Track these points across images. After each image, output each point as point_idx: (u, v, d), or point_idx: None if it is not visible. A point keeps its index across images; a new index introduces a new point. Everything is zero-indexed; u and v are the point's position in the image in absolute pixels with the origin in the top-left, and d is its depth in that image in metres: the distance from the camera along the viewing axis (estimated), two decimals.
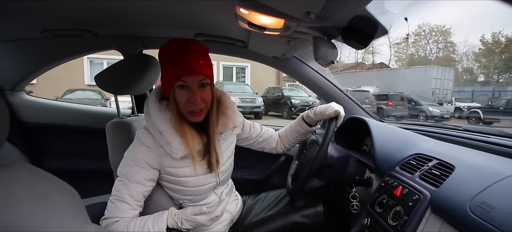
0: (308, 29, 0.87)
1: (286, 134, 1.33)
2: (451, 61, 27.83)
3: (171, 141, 0.91)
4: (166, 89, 0.93)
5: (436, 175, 0.86)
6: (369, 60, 32.15)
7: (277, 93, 12.52)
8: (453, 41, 29.29)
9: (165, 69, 0.91)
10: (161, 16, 1.15)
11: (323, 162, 1.09)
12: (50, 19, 1.21)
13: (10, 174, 0.62)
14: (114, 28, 1.33)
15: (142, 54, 1.25)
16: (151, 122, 0.93)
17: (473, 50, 28.09)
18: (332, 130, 1.08)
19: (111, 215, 0.88)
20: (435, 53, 29.86)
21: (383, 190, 0.98)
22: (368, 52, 32.36)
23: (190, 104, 0.90)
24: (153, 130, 0.93)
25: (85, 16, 1.18)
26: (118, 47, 1.44)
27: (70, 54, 1.54)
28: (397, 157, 1.06)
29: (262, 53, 1.46)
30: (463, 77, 27.30)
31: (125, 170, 0.91)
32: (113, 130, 1.12)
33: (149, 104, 0.97)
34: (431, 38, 29.69)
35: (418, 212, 0.79)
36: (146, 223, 0.89)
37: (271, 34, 0.96)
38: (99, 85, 1.19)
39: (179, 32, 1.35)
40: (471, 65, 28.34)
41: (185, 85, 0.89)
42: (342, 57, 35.68)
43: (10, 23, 1.24)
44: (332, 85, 1.53)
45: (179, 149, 0.91)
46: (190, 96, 0.89)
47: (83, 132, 1.67)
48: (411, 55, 30.33)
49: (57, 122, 1.66)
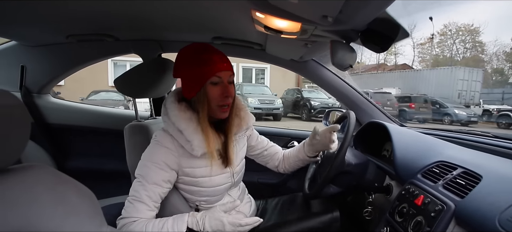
0: (326, 32, 0.85)
1: (289, 156, 1.30)
2: (480, 61, 26.49)
3: (192, 139, 0.92)
4: (193, 89, 0.95)
5: (461, 185, 0.81)
6: (391, 62, 31.26)
7: (296, 95, 12.43)
8: (482, 40, 27.88)
9: (193, 70, 0.93)
10: (179, 20, 1.17)
11: (340, 169, 1.06)
12: (74, 25, 1.26)
13: (32, 176, 0.65)
14: (134, 32, 1.36)
15: (161, 58, 1.28)
16: (170, 122, 0.95)
17: (504, 49, 26.60)
18: (350, 136, 1.05)
19: (128, 215, 0.89)
20: (462, 53, 28.58)
21: (404, 199, 0.94)
22: (390, 53, 31.42)
23: (223, 98, 0.95)
24: (173, 130, 0.95)
25: (107, 22, 1.22)
26: (137, 51, 1.48)
27: (93, 58, 1.59)
28: (419, 164, 1.01)
29: (280, 56, 1.45)
30: (492, 79, 25.92)
31: (143, 171, 0.93)
32: (131, 133, 1.15)
33: (167, 105, 0.98)
34: (458, 38, 28.41)
35: (441, 223, 0.75)
36: (165, 223, 0.90)
37: (288, 37, 0.95)
38: (119, 89, 1.22)
39: (197, 36, 1.37)
40: (502, 65, 26.86)
41: (219, 81, 0.94)
42: (363, 58, 34.92)
43: (38, 29, 1.30)
44: (352, 89, 1.49)
45: (200, 146, 0.93)
46: (223, 91, 0.95)
47: (104, 133, 1.72)
48: (436, 56, 29.15)
49: (80, 123, 1.72)
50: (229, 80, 0.97)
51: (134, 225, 0.88)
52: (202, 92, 0.94)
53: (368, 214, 1.07)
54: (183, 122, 0.93)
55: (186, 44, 1.46)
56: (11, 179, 0.60)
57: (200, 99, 0.94)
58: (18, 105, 0.59)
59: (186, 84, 0.97)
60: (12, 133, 0.57)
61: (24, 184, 0.62)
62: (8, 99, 0.57)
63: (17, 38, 1.47)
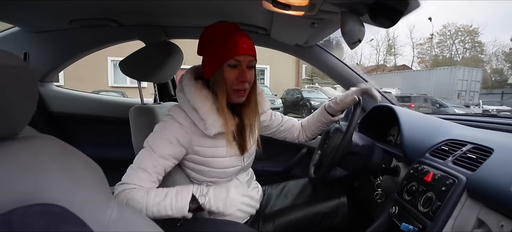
0: (334, 6, 0.84)
1: (308, 123, 1.30)
2: (479, 62, 26.53)
3: (207, 118, 0.92)
4: (211, 69, 0.94)
5: (472, 159, 0.80)
6: (390, 62, 31.28)
7: (296, 95, 12.46)
8: (481, 41, 27.95)
9: (214, 49, 0.93)
10: (184, 2, 1.16)
11: (347, 150, 1.05)
12: (77, 9, 1.25)
13: (39, 145, 0.63)
14: (138, 17, 1.35)
15: (166, 42, 1.27)
16: (185, 99, 0.94)
17: (503, 50, 26.67)
18: (356, 116, 1.04)
19: (129, 181, 0.87)
20: (462, 53, 28.64)
21: (412, 177, 0.93)
22: (390, 54, 31.49)
23: (239, 83, 0.93)
24: (187, 107, 0.94)
25: (111, 5, 1.21)
26: (141, 37, 1.47)
27: (96, 44, 1.59)
28: (427, 143, 1.00)
29: (284, 41, 1.44)
30: (492, 79, 25.94)
31: (153, 142, 0.91)
32: (136, 115, 1.14)
33: (184, 82, 0.97)
34: (457, 38, 28.46)
35: (453, 197, 0.74)
36: (168, 192, 0.88)
37: (295, 14, 0.94)
38: (123, 71, 1.21)
39: (202, 21, 1.36)
40: (501, 66, 26.92)
41: (237, 64, 0.92)
42: (363, 59, 34.94)
43: (41, 14, 1.29)
44: (356, 74, 1.48)
45: (214, 125, 0.92)
46: (239, 75, 0.92)
47: (109, 121, 1.71)
48: (435, 56, 29.18)
49: (84, 111, 1.72)
50: (248, 65, 0.94)
51: (134, 192, 0.85)
52: (219, 73, 0.93)
53: (379, 197, 1.06)
54: (198, 100, 0.92)
55: (192, 29, 1.46)
56: (19, 146, 0.59)
57: (217, 81, 0.94)
58: (24, 67, 0.57)
59: (206, 63, 0.97)
60: (20, 96, 0.56)
61: (32, 153, 0.61)
62: (13, 60, 0.55)
63: (20, 24, 1.46)
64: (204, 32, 0.98)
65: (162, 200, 0.85)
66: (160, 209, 0.85)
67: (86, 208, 0.61)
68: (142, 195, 0.85)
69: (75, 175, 0.67)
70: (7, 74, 0.53)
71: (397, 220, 0.91)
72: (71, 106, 1.71)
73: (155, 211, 0.84)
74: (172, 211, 0.86)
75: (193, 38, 1.65)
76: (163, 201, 0.85)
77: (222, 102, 0.94)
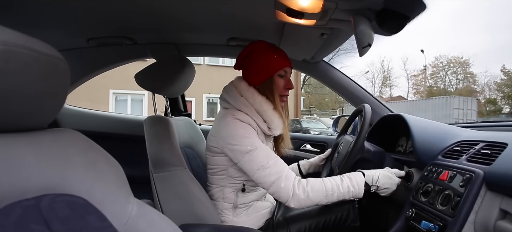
0: (345, 14, 0.90)
1: None
2: (473, 92, 27.04)
3: (272, 119, 1.03)
4: (260, 78, 1.04)
5: (486, 155, 0.82)
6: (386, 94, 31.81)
7: (295, 125, 12.51)
8: (473, 72, 28.73)
9: (267, 60, 1.03)
10: (197, 19, 1.22)
11: (360, 154, 1.06)
12: (95, 27, 1.31)
13: (63, 138, 0.64)
14: (152, 34, 1.41)
15: (180, 56, 1.31)
16: (248, 102, 1.03)
17: (495, 80, 27.35)
18: (367, 124, 1.07)
19: (281, 170, 0.95)
20: (455, 84, 29.29)
21: (427, 179, 0.94)
22: (386, 85, 32.14)
23: (285, 90, 1.08)
24: (250, 111, 1.02)
25: (128, 23, 1.27)
26: (154, 54, 1.52)
27: (110, 63, 1.64)
28: (439, 146, 1.02)
29: (292, 57, 1.49)
30: (486, 109, 26.32)
31: (260, 156, 0.95)
32: (152, 123, 1.15)
33: (242, 87, 1.06)
34: (450, 70, 29.24)
35: (472, 191, 0.75)
36: (342, 179, 0.97)
37: (307, 24, 1.00)
38: (138, 82, 1.24)
39: (214, 37, 1.42)
40: (494, 95, 27.45)
41: (284, 74, 1.06)
42: None
43: (60, 33, 1.34)
44: (362, 89, 1.53)
45: (278, 126, 1.05)
46: (286, 83, 1.07)
47: (115, 138, 1.72)
48: (430, 87, 29.81)
49: (91, 129, 1.73)
50: (290, 74, 1.09)
51: (311, 181, 0.96)
52: (269, 82, 1.04)
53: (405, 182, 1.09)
54: (264, 103, 1.02)
55: (203, 47, 1.52)
56: (49, 137, 0.60)
57: (268, 88, 1.04)
58: (62, 59, 0.60)
59: (252, 74, 1.06)
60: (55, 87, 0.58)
61: (60, 145, 0.62)
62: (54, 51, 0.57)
63: None
64: (247, 48, 1.08)
65: (340, 184, 0.95)
66: (340, 193, 0.95)
67: (107, 203, 0.61)
68: (319, 182, 0.96)
69: (97, 170, 0.68)
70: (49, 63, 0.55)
71: (415, 222, 0.90)
72: (80, 124, 1.72)
73: (335, 196, 0.95)
74: (349, 194, 0.96)
75: (205, 55, 1.71)
76: (341, 185, 0.95)
77: (278, 106, 1.05)
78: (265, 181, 0.94)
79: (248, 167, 0.95)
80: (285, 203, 0.94)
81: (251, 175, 0.95)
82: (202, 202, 1.03)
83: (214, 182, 1.10)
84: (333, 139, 1.79)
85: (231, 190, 1.07)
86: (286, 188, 0.93)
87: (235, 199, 1.07)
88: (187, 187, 1.03)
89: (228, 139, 0.97)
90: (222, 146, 1.00)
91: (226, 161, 1.03)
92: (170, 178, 1.05)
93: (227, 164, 1.04)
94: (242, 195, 1.08)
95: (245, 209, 1.10)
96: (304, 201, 0.93)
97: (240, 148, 0.95)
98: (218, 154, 1.04)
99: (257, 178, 0.95)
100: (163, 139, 1.07)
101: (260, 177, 0.94)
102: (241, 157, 0.95)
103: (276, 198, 0.96)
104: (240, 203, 1.08)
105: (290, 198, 0.93)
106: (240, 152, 0.95)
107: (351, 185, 0.96)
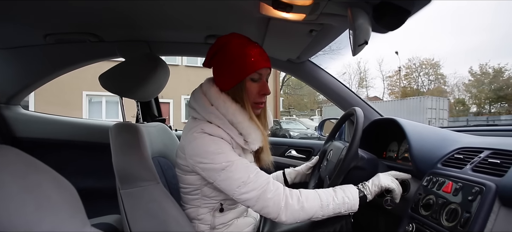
0: (339, 7, 0.80)
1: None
2: (443, 92, 28.36)
3: (249, 132, 0.88)
4: (230, 82, 0.89)
5: (496, 164, 0.74)
6: (363, 94, 32.64)
7: (275, 126, 12.55)
8: (443, 73, 30.15)
9: (232, 61, 0.87)
10: (172, 13, 1.09)
11: (354, 162, 0.97)
12: (53, 21, 1.14)
13: None
14: (121, 31, 1.26)
15: (152, 55, 1.17)
16: (219, 113, 0.86)
17: (463, 81, 28.85)
18: (360, 130, 0.97)
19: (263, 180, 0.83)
20: (427, 85, 30.57)
21: (427, 190, 0.86)
22: (362, 86, 33.09)
23: (260, 96, 0.91)
24: (222, 122, 0.86)
25: (90, 18, 1.12)
26: (124, 53, 1.36)
27: (73, 62, 1.45)
28: (438, 154, 0.95)
29: (276, 56, 1.38)
30: (456, 108, 27.67)
31: (235, 169, 0.82)
32: (118, 132, 1.00)
33: (212, 94, 0.89)
34: (422, 71, 30.53)
35: (484, 206, 0.67)
36: (336, 191, 0.87)
37: (295, 18, 0.89)
38: (103, 85, 1.09)
39: (190, 35, 1.29)
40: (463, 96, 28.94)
41: (258, 78, 0.89)
42: None
43: (12, 27, 1.16)
44: (349, 91, 1.45)
45: (257, 140, 0.90)
46: (261, 88, 0.91)
47: (81, 146, 1.54)
48: (404, 87, 30.95)
49: (53, 136, 1.54)
50: (267, 78, 0.93)
51: (304, 192, 0.86)
52: (240, 87, 0.88)
53: (388, 203, 0.95)
54: (238, 114, 0.87)
55: (178, 45, 1.38)
56: None
57: (239, 94, 0.89)
58: None
59: (222, 76, 0.90)
60: None
61: None
62: None
63: None
64: (216, 43, 0.91)
65: (334, 195, 0.86)
66: (335, 205, 0.85)
67: None
68: (313, 192, 0.86)
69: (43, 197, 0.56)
70: None
71: None
72: (38, 131, 1.52)
73: (330, 208, 0.85)
74: (345, 207, 0.86)
75: (180, 55, 1.57)
76: (335, 196, 0.86)
77: (253, 116, 0.89)
78: (249, 198, 0.81)
79: (226, 186, 0.82)
80: (275, 218, 0.82)
81: (231, 195, 0.82)
82: (178, 222, 0.90)
83: (187, 202, 0.96)
84: (319, 144, 1.70)
85: (207, 210, 0.94)
86: (275, 199, 0.81)
87: (212, 220, 0.94)
88: (160, 205, 0.90)
89: (198, 158, 0.83)
90: (192, 164, 0.86)
91: (199, 180, 0.90)
92: (140, 194, 0.91)
93: (200, 183, 0.90)
94: (220, 214, 0.95)
95: (224, 228, 0.97)
96: (298, 213, 0.82)
97: (214, 165, 0.81)
98: (189, 173, 0.90)
99: (239, 197, 0.81)
100: (131, 150, 0.93)
101: (242, 195, 0.81)
102: (217, 175, 0.82)
103: (264, 214, 0.83)
104: (218, 223, 0.95)
105: (281, 211, 0.81)
106: (215, 170, 0.81)
107: (345, 196, 0.86)
